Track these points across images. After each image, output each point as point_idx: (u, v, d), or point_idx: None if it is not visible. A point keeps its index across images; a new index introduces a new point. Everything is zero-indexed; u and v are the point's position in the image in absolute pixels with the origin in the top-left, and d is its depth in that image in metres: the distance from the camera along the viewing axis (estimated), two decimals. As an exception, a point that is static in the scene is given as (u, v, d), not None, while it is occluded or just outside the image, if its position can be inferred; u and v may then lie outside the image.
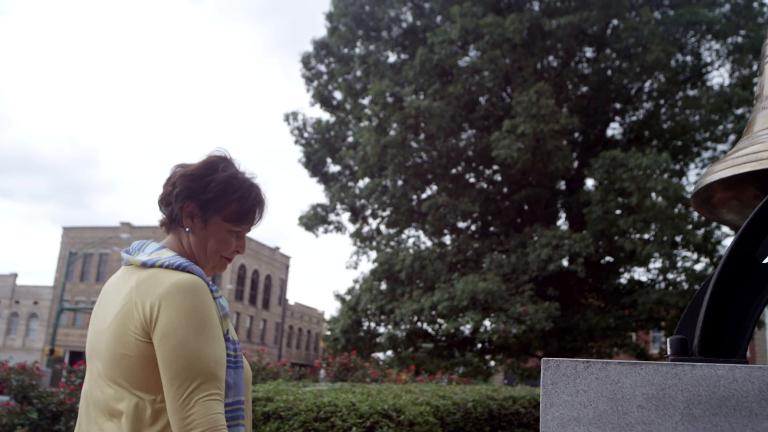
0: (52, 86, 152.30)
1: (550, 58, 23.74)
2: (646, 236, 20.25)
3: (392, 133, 21.99)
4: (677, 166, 23.65)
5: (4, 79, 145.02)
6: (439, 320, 20.83)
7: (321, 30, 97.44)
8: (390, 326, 21.47)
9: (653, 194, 19.55)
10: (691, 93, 23.57)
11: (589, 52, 24.42)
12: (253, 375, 9.16)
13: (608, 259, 22.34)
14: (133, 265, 1.83)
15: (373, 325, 22.50)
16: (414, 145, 22.63)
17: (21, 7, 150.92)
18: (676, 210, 19.83)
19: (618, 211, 20.44)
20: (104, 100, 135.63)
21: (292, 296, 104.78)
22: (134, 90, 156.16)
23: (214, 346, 1.67)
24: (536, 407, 8.01)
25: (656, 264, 21.97)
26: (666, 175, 20.36)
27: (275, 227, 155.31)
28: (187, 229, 1.88)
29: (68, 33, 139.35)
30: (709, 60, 24.04)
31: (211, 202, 1.86)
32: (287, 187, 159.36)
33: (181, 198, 1.86)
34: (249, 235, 2.36)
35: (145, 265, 1.78)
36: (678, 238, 20.46)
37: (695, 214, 22.00)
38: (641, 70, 21.78)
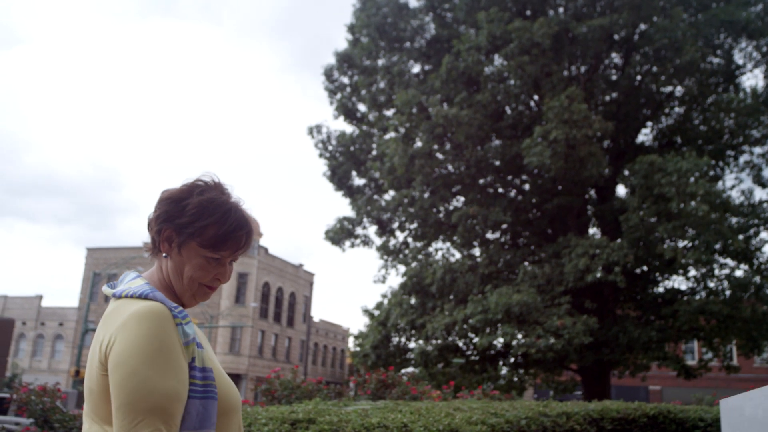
0: (74, 110, 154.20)
1: (578, 63, 23.25)
2: (685, 243, 19.56)
3: (419, 143, 21.57)
4: (711, 172, 22.95)
5: (26, 104, 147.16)
6: (470, 334, 20.25)
7: (339, 46, 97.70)
8: (421, 341, 20.92)
9: (689, 199, 18.86)
10: (723, 96, 22.92)
11: (617, 58, 23.89)
12: (287, 394, 8.73)
13: (643, 267, 21.64)
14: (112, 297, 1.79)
15: (403, 340, 21.96)
16: (440, 156, 22.18)
17: (41, 33, 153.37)
18: (714, 215, 19.11)
19: (653, 219, 19.76)
20: (125, 123, 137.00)
21: (317, 313, 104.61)
22: (155, 111, 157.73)
23: (167, 377, 1.58)
24: (591, 423, 7.66)
25: (693, 272, 21.24)
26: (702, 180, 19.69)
27: (299, 244, 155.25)
28: (164, 254, 1.82)
29: (88, 57, 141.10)
30: (741, 62, 23.42)
31: (185, 226, 1.77)
32: (310, 204, 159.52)
33: (159, 222, 1.80)
34: (273, 252, 1.98)
35: (115, 297, 1.75)
36: (718, 245, 19.73)
37: (733, 220, 21.25)
38: (673, 72, 21.19)
